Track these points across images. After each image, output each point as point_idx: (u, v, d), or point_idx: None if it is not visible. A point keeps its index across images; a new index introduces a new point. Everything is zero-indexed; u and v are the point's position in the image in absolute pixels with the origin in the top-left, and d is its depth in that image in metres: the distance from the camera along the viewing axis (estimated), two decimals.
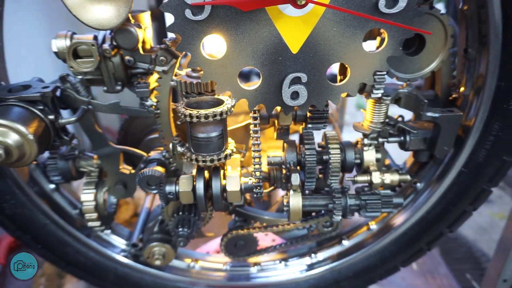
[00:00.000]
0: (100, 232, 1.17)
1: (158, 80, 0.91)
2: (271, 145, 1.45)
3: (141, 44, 0.89)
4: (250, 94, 0.80)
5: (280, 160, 1.02)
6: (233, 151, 0.90)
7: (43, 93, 0.83)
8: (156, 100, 0.94)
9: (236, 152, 0.95)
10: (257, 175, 0.94)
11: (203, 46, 0.74)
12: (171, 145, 0.94)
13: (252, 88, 0.80)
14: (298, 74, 0.78)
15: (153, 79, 0.95)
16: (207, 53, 0.76)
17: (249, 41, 0.74)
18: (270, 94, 0.80)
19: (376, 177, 0.96)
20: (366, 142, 0.98)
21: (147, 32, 0.92)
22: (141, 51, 0.90)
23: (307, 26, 0.73)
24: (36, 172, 1.05)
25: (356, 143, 1.03)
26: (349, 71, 0.79)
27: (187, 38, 0.73)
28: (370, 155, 0.99)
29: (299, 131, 1.03)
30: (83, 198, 1.04)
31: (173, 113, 0.98)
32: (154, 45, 0.99)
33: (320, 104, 0.83)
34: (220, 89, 0.79)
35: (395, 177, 0.98)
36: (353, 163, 0.99)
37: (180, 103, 0.86)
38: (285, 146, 1.01)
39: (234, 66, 0.76)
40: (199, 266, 1.28)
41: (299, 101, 0.81)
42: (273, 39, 0.74)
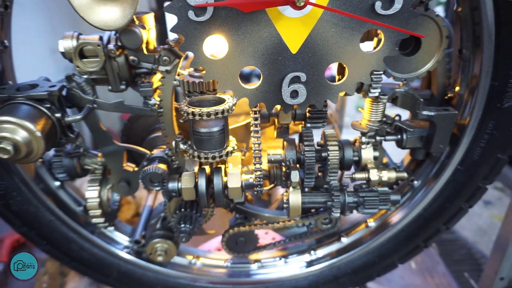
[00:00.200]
0: (103, 229, 1.19)
1: (161, 80, 0.94)
2: (271, 145, 1.48)
3: (145, 45, 0.92)
4: (251, 93, 0.83)
5: (280, 158, 1.04)
6: (234, 148, 0.93)
7: (50, 91, 0.85)
8: (159, 99, 0.96)
9: (237, 150, 0.98)
10: (257, 167, 0.96)
11: (205, 46, 0.77)
12: (173, 143, 0.96)
13: (253, 87, 0.82)
14: (297, 74, 0.80)
15: (156, 79, 0.97)
16: (209, 55, 0.78)
17: (250, 41, 0.76)
18: (270, 93, 0.83)
19: (374, 174, 0.99)
20: (364, 140, 1.01)
21: (151, 33, 0.95)
22: (145, 51, 0.92)
23: (306, 27, 0.76)
24: (41, 170, 1.08)
25: (355, 141, 1.05)
26: (347, 71, 0.82)
27: (190, 39, 0.75)
28: (368, 153, 1.01)
29: (299, 130, 1.05)
30: (88, 195, 1.07)
31: (175, 112, 1.01)
32: (157, 45, 1.02)
33: (319, 102, 0.85)
34: (222, 87, 0.82)
35: (392, 174, 1.01)
36: (351, 161, 1.02)
37: (183, 102, 0.89)
38: (285, 144, 1.03)
39: (236, 65, 0.79)
40: (200, 263, 1.30)
41: (298, 100, 0.83)
42: (273, 39, 0.76)
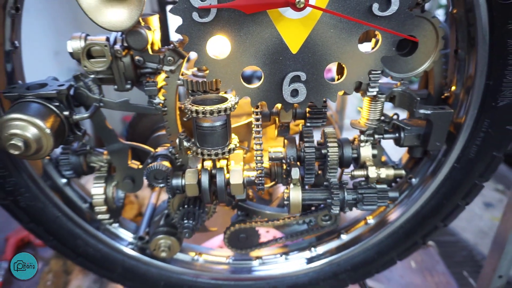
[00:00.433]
0: (108, 225, 1.22)
1: (166, 79, 0.97)
2: (272, 145, 1.50)
3: (150, 45, 0.95)
4: (253, 91, 0.86)
5: (281, 156, 1.07)
6: (236, 146, 0.95)
7: (58, 90, 0.89)
8: (164, 98, 0.99)
9: (238, 148, 1.01)
10: (259, 160, 0.98)
11: (208, 47, 0.80)
12: (177, 140, 0.99)
13: (255, 86, 0.85)
14: (297, 73, 0.83)
15: (160, 78, 1.00)
16: (212, 55, 0.81)
17: (251, 41, 0.79)
18: (271, 91, 0.86)
19: (372, 172, 1.01)
20: (362, 138, 1.03)
21: (155, 34, 0.98)
22: (150, 52, 0.95)
23: (306, 28, 0.79)
24: (49, 167, 1.11)
25: (354, 139, 1.08)
26: (346, 70, 0.85)
27: (194, 39, 0.78)
28: (366, 151, 1.04)
29: (299, 129, 1.08)
30: (94, 192, 1.10)
31: (179, 111, 1.03)
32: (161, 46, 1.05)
33: (318, 101, 0.88)
34: (225, 86, 0.85)
35: (390, 171, 1.03)
36: (351, 158, 1.04)
37: (186, 100, 0.92)
38: (286, 142, 1.06)
39: (238, 65, 0.82)
40: (203, 259, 1.33)
41: (298, 99, 0.86)
42: (274, 40, 0.79)
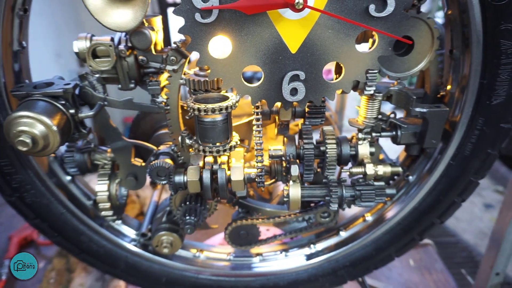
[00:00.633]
0: (112, 222, 1.24)
1: (168, 79, 1.00)
2: (272, 145, 1.53)
3: (153, 45, 0.97)
4: (253, 90, 0.88)
5: (281, 153, 1.09)
6: (237, 143, 0.98)
7: (65, 89, 0.91)
8: (166, 97, 1.02)
9: (239, 146, 1.03)
10: (259, 156, 1.01)
11: (210, 47, 0.83)
12: (180, 138, 1.02)
13: (255, 85, 0.88)
14: (296, 72, 0.86)
15: (163, 78, 1.03)
16: (213, 55, 0.84)
17: (252, 41, 0.82)
18: (271, 90, 0.88)
19: (370, 169, 1.04)
20: (360, 136, 1.06)
21: (159, 34, 1.00)
22: (153, 52, 0.98)
23: (305, 28, 0.82)
24: (54, 164, 1.13)
25: (352, 138, 1.10)
26: (344, 70, 0.87)
27: (196, 39, 0.81)
28: (364, 149, 1.07)
29: (299, 128, 1.10)
30: (98, 189, 1.12)
31: (181, 109, 1.06)
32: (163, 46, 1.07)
33: (317, 100, 0.90)
34: (226, 85, 0.87)
35: (388, 168, 1.06)
36: (349, 156, 1.07)
37: (189, 99, 0.94)
38: (285, 140, 1.09)
39: (239, 64, 0.85)
40: (204, 256, 1.35)
41: (297, 97, 0.89)
42: (274, 40, 0.82)
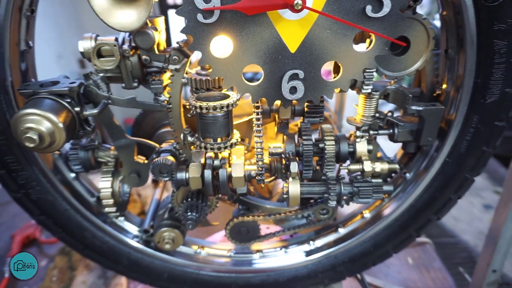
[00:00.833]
0: (115, 219, 1.27)
1: (171, 78, 1.02)
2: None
3: (156, 45, 1.00)
4: (254, 89, 0.91)
5: (280, 151, 1.12)
6: (238, 140, 1.00)
7: (70, 87, 0.94)
8: (169, 96, 1.04)
9: (240, 144, 1.06)
10: (260, 148, 1.03)
11: (212, 46, 0.85)
12: (182, 135, 1.04)
13: (255, 84, 0.90)
14: (295, 71, 0.88)
15: (166, 77, 1.05)
16: (215, 55, 0.86)
17: (252, 41, 0.84)
18: (271, 89, 0.91)
19: (368, 166, 1.06)
20: (358, 134, 1.08)
21: (161, 34, 1.03)
22: (156, 51, 1.00)
23: (304, 28, 0.84)
24: (59, 162, 1.16)
25: (350, 135, 1.13)
26: (342, 69, 0.90)
27: (198, 39, 0.84)
28: (362, 146, 1.09)
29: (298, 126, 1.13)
30: (101, 185, 1.15)
31: (183, 108, 1.09)
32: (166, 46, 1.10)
33: (316, 98, 0.93)
34: (227, 84, 0.90)
35: (385, 166, 1.08)
36: (347, 153, 1.09)
37: (191, 97, 0.97)
38: (285, 138, 1.11)
39: (240, 63, 0.87)
40: (205, 252, 1.37)
41: (297, 95, 0.91)
42: (274, 39, 0.84)
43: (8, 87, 0.95)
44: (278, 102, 1.01)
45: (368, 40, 0.97)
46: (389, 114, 1.10)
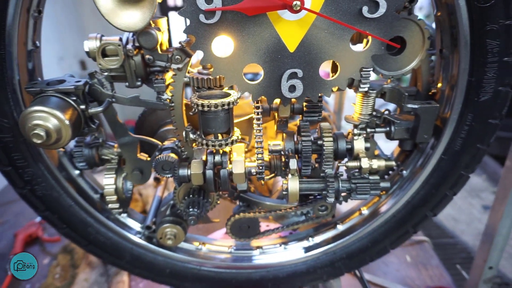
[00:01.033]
0: (118, 215, 1.29)
1: (173, 77, 1.05)
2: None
3: (159, 45, 1.03)
4: (254, 87, 0.94)
5: (280, 148, 1.15)
6: (238, 137, 1.03)
7: (76, 86, 0.97)
8: (171, 94, 1.07)
9: (240, 141, 1.09)
10: (259, 150, 1.06)
11: (213, 46, 0.88)
12: (184, 133, 1.07)
13: (255, 82, 0.93)
14: (294, 70, 0.91)
15: (168, 76, 1.08)
16: (216, 54, 0.89)
17: (253, 41, 0.87)
18: (270, 87, 0.94)
19: (365, 162, 1.09)
20: (356, 132, 1.11)
21: (164, 34, 1.06)
22: (159, 51, 1.03)
23: (302, 28, 0.87)
24: (64, 159, 1.19)
25: (348, 133, 1.15)
26: (339, 68, 0.93)
27: (200, 39, 0.86)
28: (359, 144, 1.12)
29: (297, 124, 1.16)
30: (105, 182, 1.17)
31: (185, 106, 1.11)
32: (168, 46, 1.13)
33: (314, 96, 0.96)
34: (228, 83, 0.93)
35: (382, 162, 1.11)
36: (345, 150, 1.12)
37: (193, 96, 1.00)
38: (284, 136, 1.14)
39: (240, 62, 0.90)
40: (206, 248, 1.40)
41: (295, 94, 0.94)
42: (273, 39, 0.87)
43: (16, 85, 0.98)
44: (277, 101, 1.04)
45: (365, 40, 1.00)
46: (386, 112, 1.13)
